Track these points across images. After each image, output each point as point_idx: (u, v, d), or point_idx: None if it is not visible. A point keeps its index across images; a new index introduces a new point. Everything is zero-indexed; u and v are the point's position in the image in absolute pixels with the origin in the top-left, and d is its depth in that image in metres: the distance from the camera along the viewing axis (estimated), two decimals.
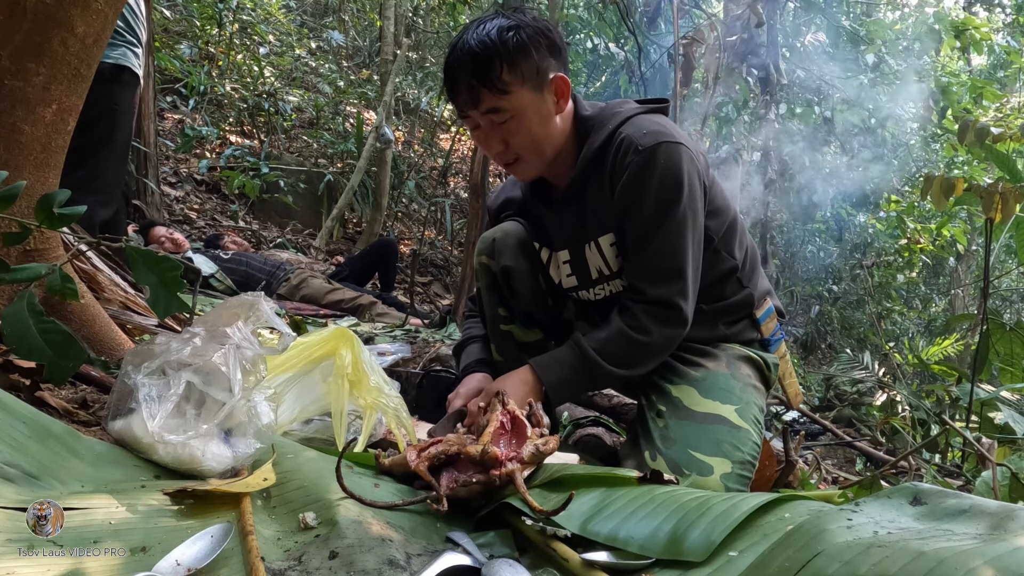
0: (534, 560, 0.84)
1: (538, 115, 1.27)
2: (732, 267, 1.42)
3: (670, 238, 1.27)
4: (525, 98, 1.25)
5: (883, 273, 8.18)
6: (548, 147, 1.32)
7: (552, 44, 1.27)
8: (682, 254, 1.28)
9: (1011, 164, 2.69)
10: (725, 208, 1.41)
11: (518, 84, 1.23)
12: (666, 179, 1.24)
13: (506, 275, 1.51)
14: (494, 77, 1.21)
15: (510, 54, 1.21)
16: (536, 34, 1.25)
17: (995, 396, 2.22)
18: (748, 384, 1.38)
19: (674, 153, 1.25)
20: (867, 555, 0.56)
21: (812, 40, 7.96)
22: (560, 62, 1.30)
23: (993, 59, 9.02)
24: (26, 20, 1.22)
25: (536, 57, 1.24)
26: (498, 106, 1.25)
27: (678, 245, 1.27)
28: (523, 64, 1.23)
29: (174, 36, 6.63)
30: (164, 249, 3.72)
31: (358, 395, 1.23)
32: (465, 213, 6.74)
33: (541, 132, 1.29)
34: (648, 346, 1.30)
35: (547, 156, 1.33)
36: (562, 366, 1.33)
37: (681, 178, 1.25)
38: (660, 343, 1.31)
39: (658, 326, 1.29)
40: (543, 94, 1.27)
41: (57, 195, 1.10)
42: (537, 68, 1.25)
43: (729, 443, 1.26)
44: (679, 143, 1.26)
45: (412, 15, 8.33)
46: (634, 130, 1.28)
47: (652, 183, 1.25)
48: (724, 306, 1.43)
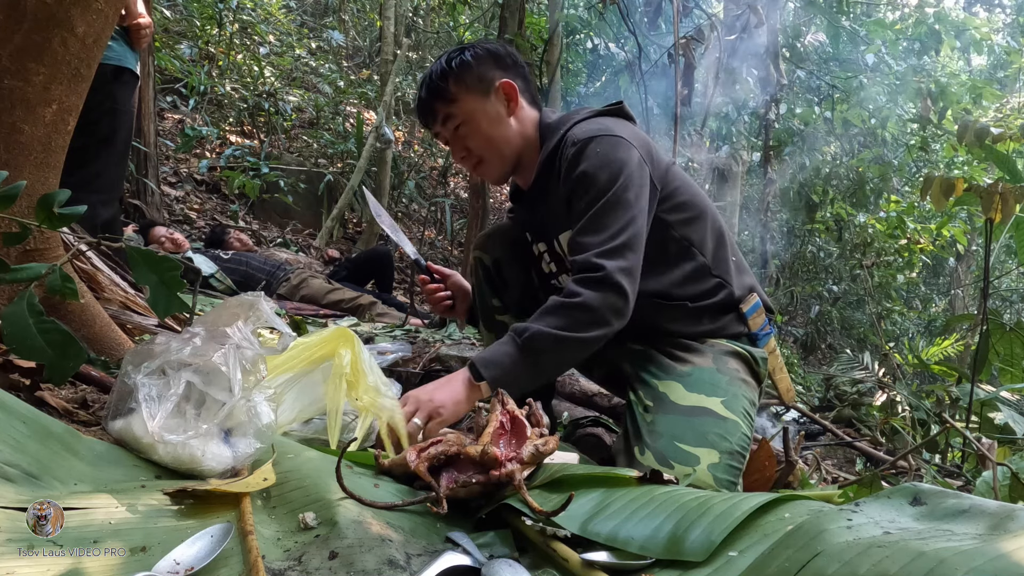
0: (534, 560, 0.84)
1: (487, 117, 1.44)
2: (701, 261, 1.44)
3: (597, 217, 1.32)
4: (471, 103, 1.43)
5: (883, 273, 8.18)
6: (504, 146, 1.47)
7: (498, 58, 1.45)
8: (610, 228, 1.30)
9: (1011, 164, 2.69)
10: (691, 204, 1.44)
11: (463, 91, 1.42)
12: (599, 164, 1.32)
13: (498, 266, 1.62)
14: (442, 89, 1.43)
15: (454, 70, 1.43)
16: (481, 52, 1.45)
17: (995, 396, 2.22)
18: (736, 378, 1.39)
19: (608, 143, 1.34)
20: (867, 555, 0.56)
21: (812, 40, 7.96)
22: (509, 72, 1.46)
23: (993, 59, 9.02)
24: (26, 20, 1.22)
25: (478, 68, 1.43)
26: (449, 112, 1.44)
27: (607, 221, 1.31)
28: (466, 75, 1.43)
29: (174, 36, 6.63)
30: (164, 249, 3.72)
31: (356, 395, 1.23)
32: (465, 213, 6.74)
33: (493, 132, 1.45)
34: (581, 308, 1.24)
35: (506, 155, 1.48)
36: (499, 343, 1.30)
37: (614, 163, 1.32)
38: (595, 306, 1.24)
39: (588, 289, 1.25)
40: (489, 98, 1.44)
41: (57, 195, 1.10)
42: (480, 77, 1.43)
43: (716, 434, 1.27)
44: (615, 136, 1.35)
45: (412, 15, 8.33)
46: (576, 130, 1.40)
47: (585, 169, 1.34)
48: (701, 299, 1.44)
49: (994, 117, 7.58)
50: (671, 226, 1.42)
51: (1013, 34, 8.67)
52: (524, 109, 1.48)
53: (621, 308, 1.28)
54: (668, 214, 1.41)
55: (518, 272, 1.64)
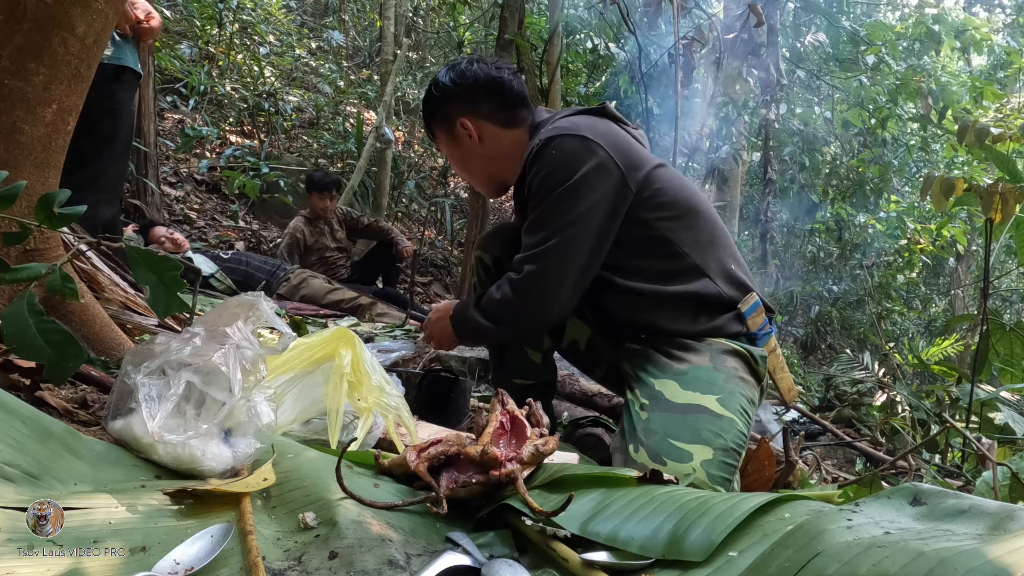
0: (534, 560, 0.84)
1: (458, 153, 1.57)
2: (688, 260, 1.43)
3: (537, 218, 1.37)
4: (443, 140, 1.58)
5: (883, 273, 8.18)
6: (478, 175, 1.61)
7: (467, 92, 1.51)
8: (543, 231, 1.36)
9: (1011, 164, 2.69)
10: (675, 203, 1.43)
11: (437, 129, 1.58)
12: (554, 165, 1.35)
13: (498, 264, 1.63)
14: (428, 128, 1.61)
15: (429, 111, 1.57)
16: (444, 88, 1.52)
17: (995, 396, 2.22)
18: (733, 376, 1.38)
19: (567, 143, 1.35)
20: (867, 555, 0.56)
21: (812, 40, 7.96)
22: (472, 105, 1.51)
23: (993, 59, 9.02)
24: (26, 20, 1.22)
25: (443, 109, 1.53)
26: (436, 144, 1.63)
27: (543, 224, 1.36)
28: (435, 115, 1.56)
29: (174, 36, 6.63)
30: (164, 249, 3.72)
31: (358, 396, 1.22)
32: (465, 213, 6.74)
33: (467, 165, 1.59)
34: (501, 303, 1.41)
35: (482, 182, 1.62)
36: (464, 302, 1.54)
37: (568, 163, 1.34)
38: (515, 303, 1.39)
39: (510, 287, 1.39)
40: (455, 135, 1.54)
41: (57, 195, 1.10)
42: (445, 117, 1.54)
43: (710, 431, 1.27)
44: (579, 135, 1.35)
45: (412, 15, 8.33)
46: (547, 129, 1.42)
47: (539, 170, 1.36)
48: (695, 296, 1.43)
49: (994, 117, 7.58)
50: (651, 225, 1.41)
51: (1013, 34, 8.67)
52: (492, 135, 1.53)
53: (534, 310, 1.39)
54: (649, 212, 1.41)
55: None
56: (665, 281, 1.43)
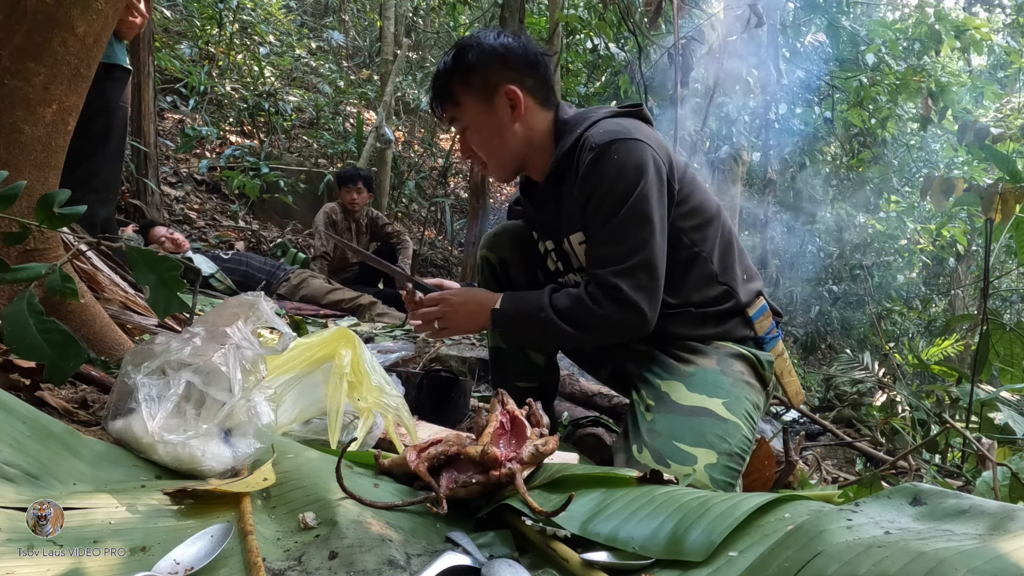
0: (534, 560, 0.84)
1: (490, 124, 1.41)
2: (708, 268, 1.43)
3: (615, 231, 1.31)
4: (474, 109, 1.41)
5: (883, 273, 8.18)
6: (506, 153, 1.45)
7: (506, 57, 1.39)
8: (637, 240, 1.31)
9: (1011, 164, 2.69)
10: (703, 208, 1.43)
11: (466, 96, 1.40)
12: (618, 172, 1.30)
13: (504, 265, 1.62)
14: (448, 91, 1.42)
15: (460, 71, 1.39)
16: (490, 51, 1.39)
17: (995, 396, 2.22)
18: (739, 380, 1.38)
19: (628, 148, 1.31)
20: (867, 555, 0.56)
21: (812, 40, 7.96)
22: (519, 73, 1.40)
23: (993, 59, 9.02)
24: (26, 20, 1.22)
25: (484, 72, 1.38)
26: (454, 115, 1.44)
27: (624, 236, 1.31)
28: (471, 78, 1.39)
29: (174, 36, 6.63)
30: (164, 249, 3.72)
31: (358, 396, 1.22)
32: (465, 213, 6.74)
33: (496, 139, 1.43)
34: (598, 317, 1.32)
35: (507, 162, 1.46)
36: (523, 301, 1.42)
37: (633, 171, 1.30)
38: (612, 320, 1.32)
39: (611, 304, 1.32)
40: (493, 103, 1.40)
41: (57, 195, 1.10)
42: (484, 81, 1.39)
43: (715, 434, 1.27)
44: (636, 139, 1.32)
45: (412, 15, 8.33)
46: (595, 131, 1.36)
47: (605, 175, 1.31)
48: (709, 303, 1.44)
49: (994, 117, 7.58)
50: (683, 231, 1.40)
51: (1013, 34, 8.67)
52: (532, 112, 1.43)
53: (638, 326, 1.34)
54: (681, 220, 1.40)
55: (524, 271, 1.64)
56: (685, 290, 1.43)
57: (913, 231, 7.84)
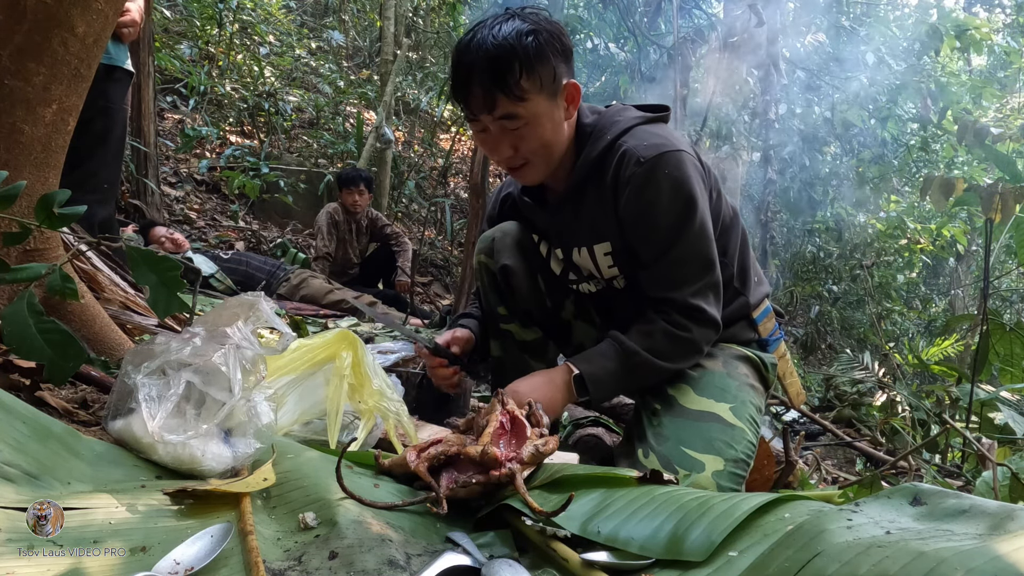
0: (534, 560, 0.84)
1: (551, 122, 1.26)
2: (728, 270, 1.42)
3: (689, 245, 1.28)
4: (541, 105, 1.22)
5: (883, 273, 8.18)
6: (556, 154, 1.31)
7: (565, 49, 1.25)
8: (704, 257, 1.30)
9: (1011, 164, 2.69)
10: (726, 214, 1.42)
11: (535, 91, 1.21)
12: (674, 188, 1.24)
13: (505, 274, 1.51)
14: (512, 83, 1.18)
15: (529, 59, 1.18)
16: (552, 39, 1.22)
17: (995, 396, 2.22)
18: (745, 383, 1.38)
19: (677, 161, 1.25)
20: (867, 555, 0.56)
21: (812, 40, 7.96)
22: (570, 67, 1.28)
23: (993, 59, 9.02)
24: (26, 20, 1.22)
25: (552, 63, 1.21)
26: (514, 112, 1.22)
27: (700, 249, 1.29)
28: (541, 70, 1.20)
29: (174, 36, 6.63)
30: (164, 249, 3.72)
31: (359, 399, 1.22)
32: (465, 213, 6.74)
33: (552, 139, 1.27)
34: (688, 342, 1.30)
35: (554, 162, 1.32)
36: (602, 357, 1.31)
37: (688, 185, 1.25)
38: (699, 341, 1.32)
39: (696, 325, 1.30)
40: (557, 101, 1.25)
41: (57, 195, 1.10)
42: (553, 74, 1.22)
43: (722, 441, 1.26)
44: (681, 150, 1.27)
45: (412, 15, 8.33)
46: (635, 142, 1.27)
47: (660, 194, 1.24)
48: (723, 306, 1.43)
49: (994, 117, 7.58)
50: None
51: (1013, 34, 8.67)
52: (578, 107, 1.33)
53: (713, 339, 1.35)
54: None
55: (525, 279, 1.53)
56: None
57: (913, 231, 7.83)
